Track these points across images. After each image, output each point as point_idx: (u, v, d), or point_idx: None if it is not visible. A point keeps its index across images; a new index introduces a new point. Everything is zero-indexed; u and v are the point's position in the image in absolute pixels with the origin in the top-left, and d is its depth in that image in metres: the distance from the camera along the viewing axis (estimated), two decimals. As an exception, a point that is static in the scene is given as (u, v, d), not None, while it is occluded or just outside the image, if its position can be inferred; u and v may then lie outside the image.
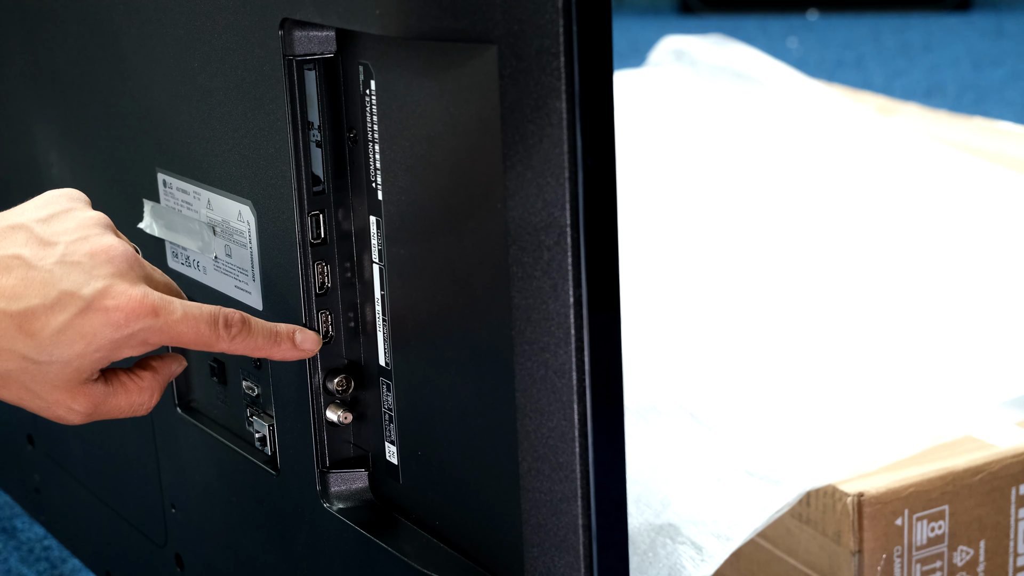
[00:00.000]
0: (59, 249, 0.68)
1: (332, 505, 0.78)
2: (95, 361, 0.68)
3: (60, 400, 0.69)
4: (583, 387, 0.63)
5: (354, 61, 0.71)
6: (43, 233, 0.69)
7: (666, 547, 0.91)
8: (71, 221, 0.70)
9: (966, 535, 0.93)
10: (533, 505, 0.66)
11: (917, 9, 3.39)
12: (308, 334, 0.74)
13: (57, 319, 0.67)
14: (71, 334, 0.67)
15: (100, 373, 0.71)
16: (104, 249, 0.69)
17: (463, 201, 0.66)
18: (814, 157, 1.51)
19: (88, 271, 0.68)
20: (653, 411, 1.03)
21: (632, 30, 3.28)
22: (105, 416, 0.71)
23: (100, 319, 0.67)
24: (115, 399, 0.71)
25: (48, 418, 0.71)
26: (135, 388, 0.72)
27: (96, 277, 0.68)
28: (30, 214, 0.71)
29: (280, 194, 0.75)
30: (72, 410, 0.70)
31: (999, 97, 2.66)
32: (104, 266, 0.68)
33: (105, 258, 0.68)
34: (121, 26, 0.86)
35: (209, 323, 0.70)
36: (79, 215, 0.71)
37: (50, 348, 0.67)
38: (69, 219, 0.70)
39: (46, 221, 0.70)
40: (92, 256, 0.68)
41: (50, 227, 0.70)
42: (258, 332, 0.72)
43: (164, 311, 0.68)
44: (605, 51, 0.60)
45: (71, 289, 0.67)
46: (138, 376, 0.73)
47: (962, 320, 1.14)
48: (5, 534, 1.22)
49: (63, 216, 0.71)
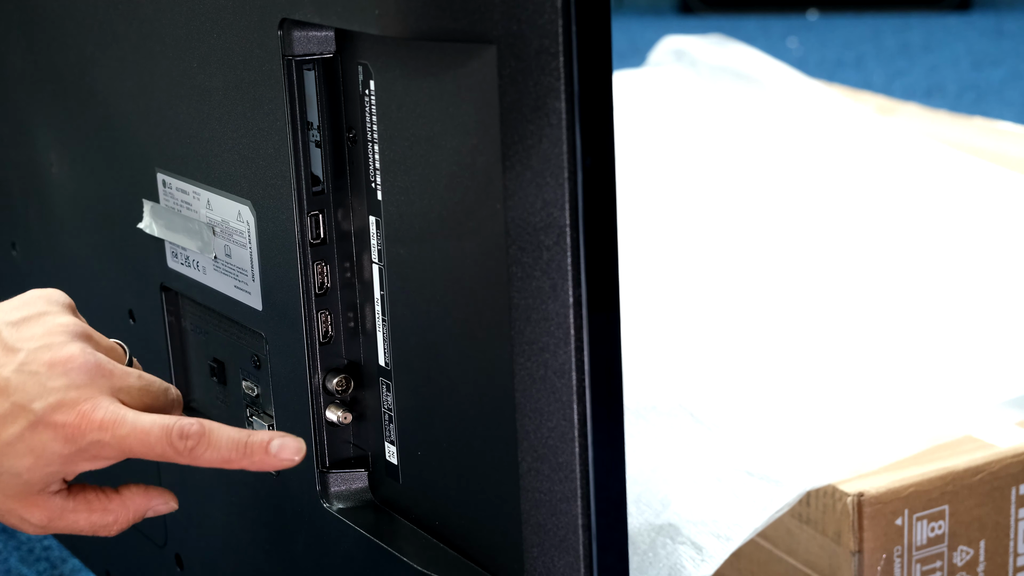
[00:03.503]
0: (20, 356, 0.67)
1: (332, 505, 0.78)
2: (47, 475, 0.67)
3: (12, 510, 0.68)
4: (583, 387, 0.63)
5: (353, 61, 0.71)
6: (9, 338, 0.68)
7: (666, 547, 0.91)
8: (40, 327, 0.69)
9: (966, 535, 0.93)
10: (533, 505, 0.66)
11: (917, 9, 3.39)
12: (288, 443, 0.70)
13: (8, 431, 0.66)
14: (20, 448, 0.66)
15: (65, 485, 0.69)
16: (63, 360, 0.67)
17: (462, 201, 0.66)
18: (814, 157, 1.51)
19: (42, 383, 0.66)
20: (653, 411, 1.03)
21: (632, 30, 3.28)
22: (63, 531, 0.69)
23: (49, 434, 0.66)
24: (74, 515, 0.69)
25: (5, 524, 0.69)
26: (99, 508, 0.70)
27: (49, 391, 0.66)
28: (3, 315, 0.69)
29: (279, 194, 0.75)
30: (25, 520, 0.68)
31: (999, 97, 2.66)
32: (59, 378, 0.66)
33: (62, 369, 0.67)
34: (121, 26, 0.86)
35: (160, 437, 0.67)
36: (50, 320, 0.69)
37: (0, 460, 0.66)
38: (39, 324, 0.69)
39: (16, 325, 0.69)
40: (51, 367, 0.67)
41: (19, 332, 0.68)
42: (222, 443, 0.68)
43: (112, 425, 0.66)
44: (604, 51, 0.60)
45: (22, 402, 0.66)
46: (107, 497, 0.71)
47: (962, 320, 1.14)
48: (5, 534, 1.22)
49: (35, 321, 0.69)
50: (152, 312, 0.91)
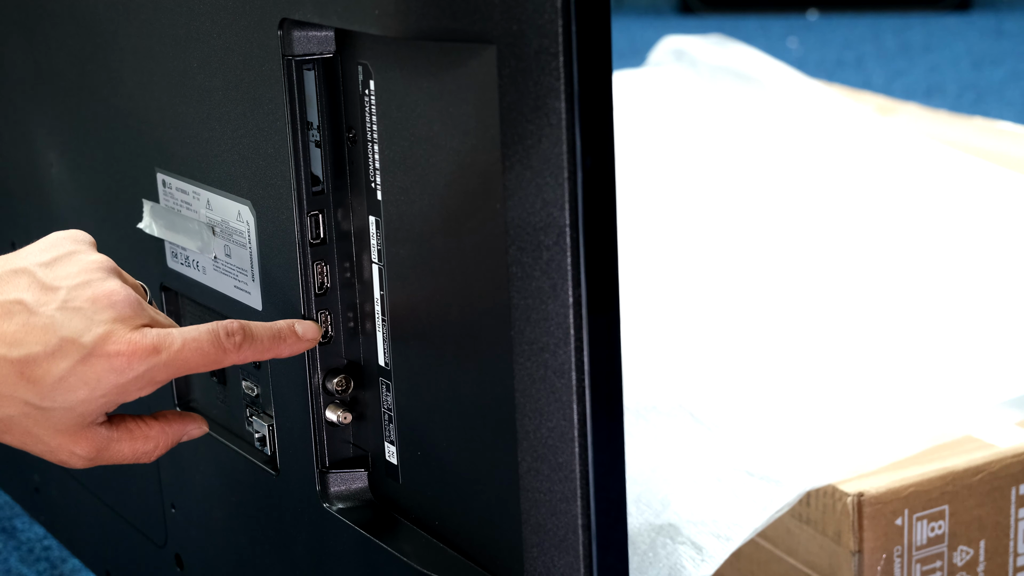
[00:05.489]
0: (61, 294, 0.68)
1: (332, 505, 0.78)
2: (101, 406, 0.69)
3: (63, 445, 0.69)
4: (583, 387, 0.63)
5: (353, 61, 0.71)
6: (45, 278, 0.69)
7: (666, 547, 0.91)
8: (74, 265, 0.70)
9: (966, 535, 0.93)
10: (533, 505, 0.66)
11: (917, 9, 3.39)
12: (306, 324, 0.74)
13: (59, 366, 0.67)
14: (73, 381, 0.67)
15: (106, 417, 0.71)
16: (106, 294, 0.68)
17: (462, 201, 0.66)
18: (814, 157, 1.51)
19: (89, 317, 0.67)
20: (653, 411, 1.03)
21: (632, 30, 3.28)
22: (108, 461, 0.71)
23: (102, 365, 0.67)
24: (119, 445, 0.71)
25: (51, 461, 0.70)
26: (141, 436, 0.72)
27: (97, 323, 0.67)
28: (33, 258, 0.70)
29: (279, 194, 0.75)
30: (75, 455, 0.70)
31: (999, 97, 2.66)
32: (105, 311, 0.68)
33: (107, 303, 0.68)
34: (120, 26, 0.86)
35: (211, 340, 0.70)
36: (83, 259, 0.70)
37: (52, 395, 0.67)
38: (72, 263, 0.70)
39: (49, 265, 0.70)
40: (94, 302, 0.68)
41: (53, 271, 0.69)
42: (261, 334, 0.72)
43: (164, 346, 0.68)
44: (604, 51, 0.60)
45: (72, 336, 0.67)
46: (146, 424, 0.73)
47: (962, 320, 1.14)
48: (5, 534, 1.22)
49: (66, 260, 0.70)
50: (152, 312, 0.91)
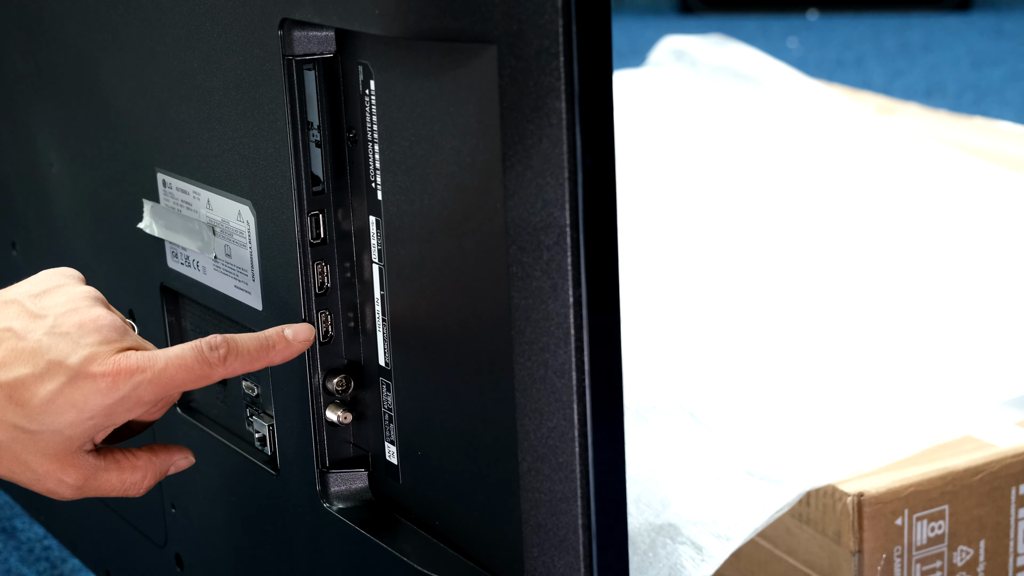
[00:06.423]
0: (48, 321, 0.70)
1: (332, 505, 0.78)
2: (89, 429, 0.69)
3: (51, 472, 0.70)
4: (583, 387, 0.63)
5: (353, 61, 0.71)
6: (34, 307, 0.71)
7: (666, 547, 0.91)
8: (62, 295, 0.72)
9: (966, 535, 0.93)
10: (533, 505, 0.66)
11: (917, 9, 3.39)
12: (298, 326, 0.74)
13: (46, 388, 0.68)
14: (61, 403, 0.68)
15: (95, 447, 0.71)
16: (92, 320, 0.70)
17: (463, 201, 0.66)
18: (814, 157, 1.51)
19: (75, 340, 0.69)
20: (653, 411, 1.03)
21: (632, 30, 3.28)
22: (96, 492, 0.72)
23: (89, 386, 0.68)
24: (107, 475, 0.72)
25: (38, 492, 0.71)
26: (128, 466, 0.73)
27: (83, 346, 0.69)
28: (23, 289, 0.72)
29: (280, 194, 0.75)
30: (63, 482, 0.70)
31: (999, 97, 2.66)
32: (91, 335, 0.69)
33: (92, 327, 0.70)
34: (121, 26, 0.86)
35: (195, 356, 0.70)
36: (70, 290, 0.72)
37: (41, 417, 0.68)
38: (60, 293, 0.72)
39: (38, 296, 0.72)
40: (80, 327, 0.70)
41: (41, 301, 0.71)
42: (246, 345, 0.72)
43: (148, 365, 0.69)
44: (605, 51, 0.60)
45: (58, 358, 0.68)
46: (134, 455, 0.73)
47: (962, 320, 1.14)
48: (5, 534, 1.22)
49: (55, 291, 0.72)
50: (152, 312, 0.91)
